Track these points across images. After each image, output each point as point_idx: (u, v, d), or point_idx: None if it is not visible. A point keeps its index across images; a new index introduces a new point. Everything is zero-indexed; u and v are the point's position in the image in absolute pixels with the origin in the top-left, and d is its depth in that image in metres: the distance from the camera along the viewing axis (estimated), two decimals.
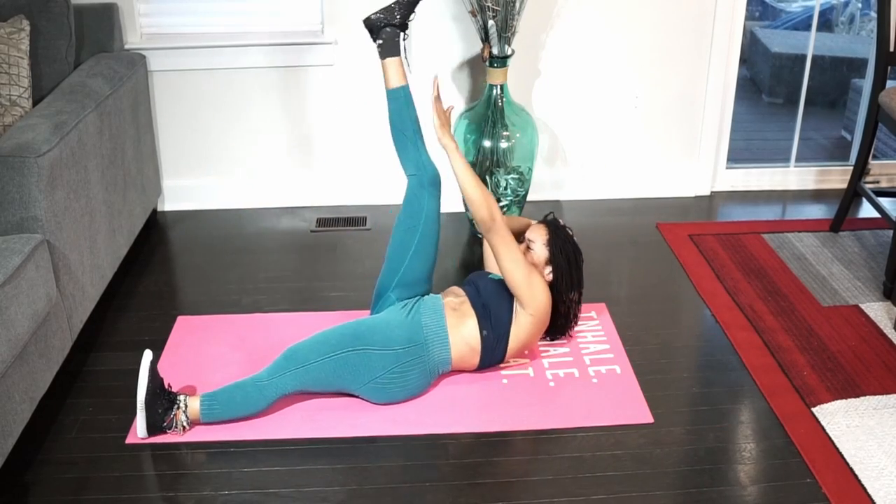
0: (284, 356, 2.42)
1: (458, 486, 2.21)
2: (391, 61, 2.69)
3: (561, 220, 2.71)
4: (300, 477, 2.25)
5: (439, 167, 2.69)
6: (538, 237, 2.65)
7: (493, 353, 2.57)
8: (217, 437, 2.36)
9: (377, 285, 2.69)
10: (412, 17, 2.74)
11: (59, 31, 2.97)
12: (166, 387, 2.38)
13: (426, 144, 2.67)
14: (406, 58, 2.74)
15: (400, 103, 2.66)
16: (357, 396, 2.50)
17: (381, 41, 2.70)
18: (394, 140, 2.68)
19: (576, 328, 2.84)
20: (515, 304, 2.57)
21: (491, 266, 2.84)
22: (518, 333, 2.57)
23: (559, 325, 2.71)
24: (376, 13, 2.72)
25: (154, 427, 2.33)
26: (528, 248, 2.65)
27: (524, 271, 2.53)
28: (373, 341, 2.43)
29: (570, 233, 2.68)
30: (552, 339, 2.81)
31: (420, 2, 2.76)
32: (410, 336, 2.47)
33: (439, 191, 2.64)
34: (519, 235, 2.80)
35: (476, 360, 2.57)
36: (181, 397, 2.36)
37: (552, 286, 2.62)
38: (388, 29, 2.70)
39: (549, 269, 2.62)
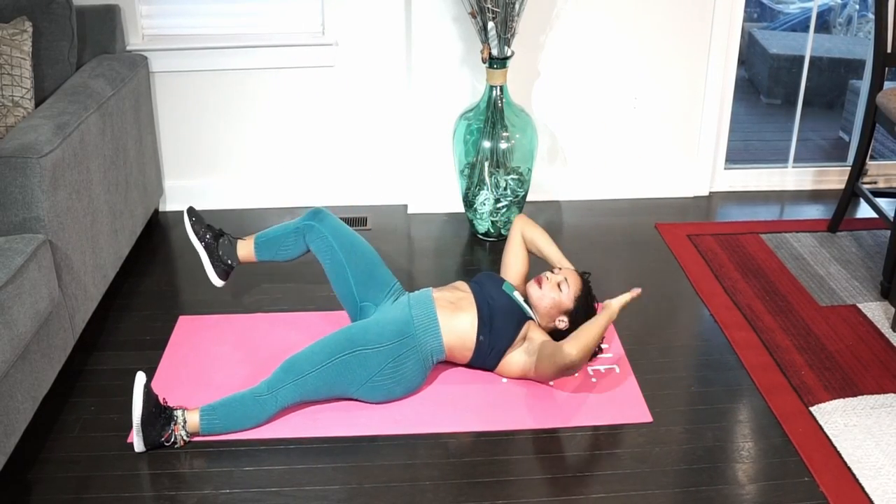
0: (283, 369, 2.42)
1: (459, 485, 2.23)
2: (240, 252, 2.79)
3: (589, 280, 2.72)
4: (301, 476, 2.26)
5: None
6: (572, 288, 2.64)
7: (484, 359, 2.60)
8: (218, 437, 2.37)
9: (350, 316, 2.74)
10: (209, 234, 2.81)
11: (61, 32, 2.98)
12: (162, 403, 2.34)
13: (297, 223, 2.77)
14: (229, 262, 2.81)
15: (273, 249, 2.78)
16: (356, 399, 2.51)
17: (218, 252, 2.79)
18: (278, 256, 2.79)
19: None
20: (520, 336, 2.59)
21: (507, 272, 2.85)
22: (512, 361, 2.59)
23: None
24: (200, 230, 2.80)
25: (152, 444, 2.31)
26: (559, 286, 2.64)
27: (554, 373, 2.52)
28: (366, 341, 2.45)
29: (596, 302, 2.70)
30: None
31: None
32: (401, 329, 2.49)
33: (319, 217, 2.74)
34: (530, 245, 2.84)
35: (468, 355, 2.59)
36: (178, 413, 2.33)
37: (558, 331, 2.65)
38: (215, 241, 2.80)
39: (564, 318, 2.63)
